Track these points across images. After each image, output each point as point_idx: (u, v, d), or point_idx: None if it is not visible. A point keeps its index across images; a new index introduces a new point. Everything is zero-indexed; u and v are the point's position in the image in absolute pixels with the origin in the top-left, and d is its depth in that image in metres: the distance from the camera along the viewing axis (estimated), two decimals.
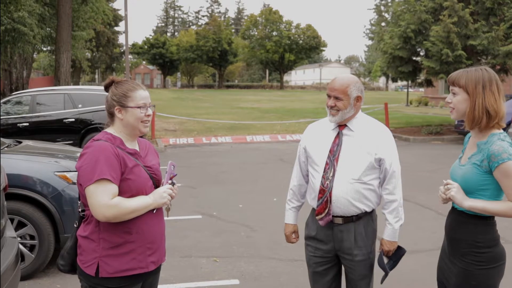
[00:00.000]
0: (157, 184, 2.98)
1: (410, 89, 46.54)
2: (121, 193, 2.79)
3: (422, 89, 51.59)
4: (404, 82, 54.54)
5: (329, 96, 3.41)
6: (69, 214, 5.70)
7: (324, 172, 3.39)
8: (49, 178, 5.71)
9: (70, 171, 5.88)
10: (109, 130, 2.96)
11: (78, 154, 6.76)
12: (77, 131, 13.92)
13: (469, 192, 2.81)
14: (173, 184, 2.98)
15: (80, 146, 13.35)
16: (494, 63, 19.72)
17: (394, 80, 25.52)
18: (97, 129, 14.09)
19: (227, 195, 9.85)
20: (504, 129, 11.37)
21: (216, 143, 18.43)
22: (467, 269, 2.82)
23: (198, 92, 62.21)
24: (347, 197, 3.34)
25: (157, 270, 3.09)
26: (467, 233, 2.84)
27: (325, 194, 3.37)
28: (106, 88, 3.00)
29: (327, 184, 3.36)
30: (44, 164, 5.88)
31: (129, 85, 2.94)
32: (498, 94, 2.79)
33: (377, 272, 3.56)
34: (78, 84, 49.56)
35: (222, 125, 23.25)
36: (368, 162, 3.34)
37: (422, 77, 22.77)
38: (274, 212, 8.51)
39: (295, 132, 20.76)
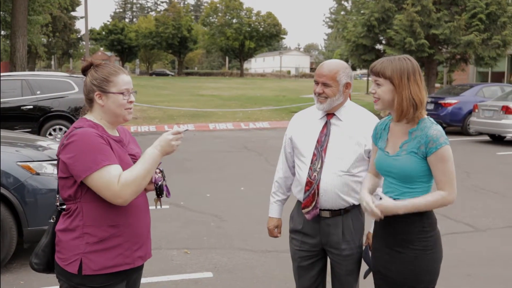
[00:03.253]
0: None
1: (369, 78, 46.96)
2: None
3: None
4: (363, 71, 54.99)
5: (316, 83, 3.23)
6: (32, 206, 5.42)
7: (311, 163, 3.22)
8: (11, 168, 5.40)
9: (33, 161, 5.59)
10: (89, 117, 2.72)
11: (39, 143, 6.54)
12: (36, 119, 13.46)
13: (410, 181, 2.79)
14: (161, 171, 2.79)
15: (38, 134, 12.91)
16: (455, 52, 19.98)
17: (353, 68, 25.61)
18: (57, 116, 13.67)
19: (193, 184, 9.64)
20: (465, 118, 11.58)
21: None
22: (417, 256, 2.79)
23: (157, 79, 61.41)
24: (336, 190, 3.19)
25: (142, 266, 2.88)
26: (413, 220, 2.79)
27: (312, 187, 3.20)
28: (84, 72, 2.75)
29: (315, 176, 3.20)
30: (5, 154, 5.56)
31: (110, 69, 2.70)
32: (422, 83, 2.78)
33: (364, 266, 3.42)
34: (34, 70, 48.22)
35: (184, 112, 22.93)
36: (357, 154, 3.19)
37: None
38: (242, 201, 8.37)
39: (258, 120, 20.65)
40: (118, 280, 2.69)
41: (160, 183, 2.77)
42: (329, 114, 3.28)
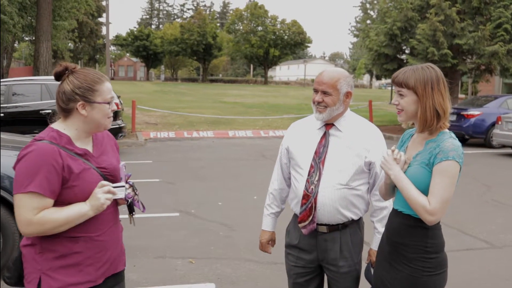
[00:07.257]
0: None
1: (393, 87, 46.40)
2: (66, 202, 2.42)
3: None
4: (388, 80, 54.49)
5: (316, 91, 3.09)
6: None
7: (308, 175, 3.08)
8: (12, 172, 5.29)
9: None
10: (56, 126, 2.53)
11: None
12: None
13: None
14: (131, 185, 2.64)
15: None
16: (480, 63, 19.61)
17: (378, 78, 25.37)
18: None
19: (206, 192, 9.53)
20: (488, 130, 11.24)
21: (197, 138, 18.09)
22: (413, 275, 2.64)
23: (181, 86, 61.66)
24: (334, 204, 3.04)
25: (118, 279, 2.73)
26: (416, 238, 2.65)
27: (309, 200, 3.06)
28: (59, 77, 2.56)
29: (312, 189, 3.05)
30: (6, 157, 5.50)
31: (92, 76, 2.52)
32: (446, 92, 2.68)
33: (363, 284, 3.27)
34: None
35: (205, 119, 22.90)
36: (357, 166, 3.04)
37: None
38: (254, 211, 8.21)
39: (278, 128, 20.51)
40: None
41: (130, 200, 2.63)
42: (328, 125, 3.14)
